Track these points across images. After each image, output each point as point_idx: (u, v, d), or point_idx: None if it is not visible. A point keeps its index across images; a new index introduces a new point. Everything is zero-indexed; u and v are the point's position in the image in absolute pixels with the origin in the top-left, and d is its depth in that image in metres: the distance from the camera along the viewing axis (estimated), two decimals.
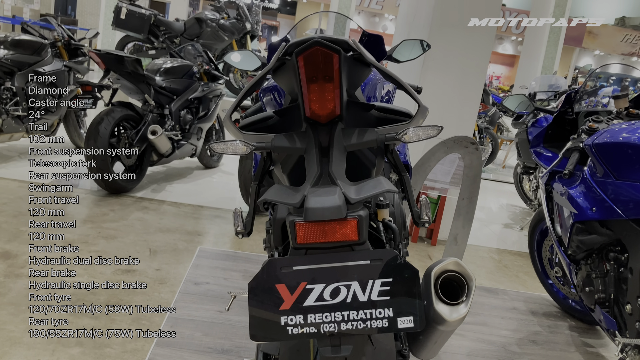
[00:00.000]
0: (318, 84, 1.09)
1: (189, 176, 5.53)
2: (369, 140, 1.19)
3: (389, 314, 1.03)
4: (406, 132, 1.18)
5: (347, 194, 1.03)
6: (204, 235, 3.89)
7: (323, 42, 1.06)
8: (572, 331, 2.75)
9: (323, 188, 1.03)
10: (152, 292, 2.92)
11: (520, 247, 4.91)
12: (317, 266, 1.03)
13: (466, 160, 2.99)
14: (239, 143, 1.18)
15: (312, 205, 0.97)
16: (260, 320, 1.03)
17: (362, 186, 1.10)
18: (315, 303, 1.01)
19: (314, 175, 1.09)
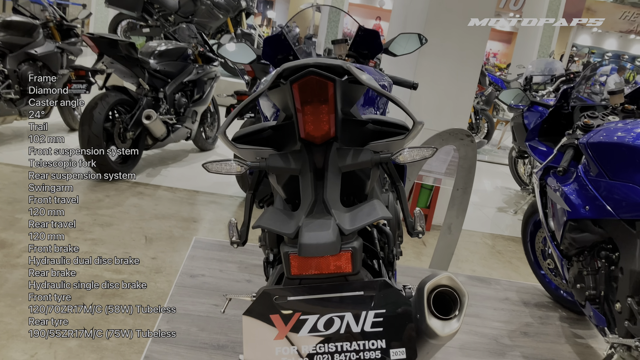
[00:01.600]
0: (313, 105, 1.08)
1: (184, 160, 5.52)
2: (364, 161, 1.19)
3: (382, 345, 1.05)
4: (401, 152, 1.19)
5: (341, 225, 1.03)
6: (199, 222, 3.90)
7: (318, 72, 1.05)
8: (563, 322, 2.80)
9: (317, 220, 1.04)
10: (149, 281, 2.94)
11: (513, 232, 4.95)
12: (311, 297, 1.04)
13: (461, 152, 3.00)
14: (234, 163, 1.18)
15: (307, 241, 0.97)
16: (255, 350, 1.04)
17: (355, 213, 1.10)
18: (309, 334, 1.03)
19: (309, 202, 1.10)
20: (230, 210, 4.26)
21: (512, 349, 2.44)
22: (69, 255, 3.08)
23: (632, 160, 1.92)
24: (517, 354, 2.41)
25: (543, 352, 2.47)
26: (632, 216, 1.90)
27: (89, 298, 2.70)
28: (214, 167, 1.18)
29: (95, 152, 4.20)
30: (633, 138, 1.95)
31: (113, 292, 2.79)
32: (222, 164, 1.18)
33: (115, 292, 2.79)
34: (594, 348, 2.60)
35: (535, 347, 2.50)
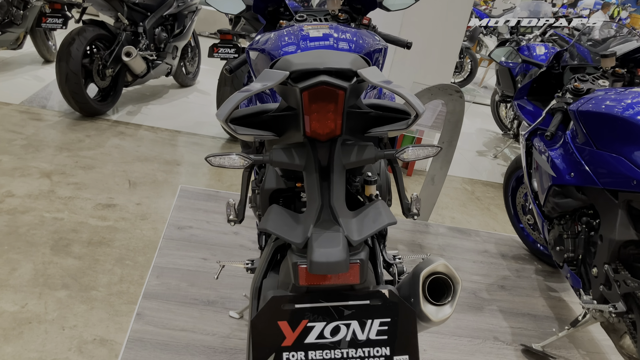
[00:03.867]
0: (320, 107, 1.07)
1: (165, 96, 5.40)
2: (367, 158, 1.18)
3: (386, 352, 1.09)
4: (405, 150, 1.18)
5: (349, 236, 1.04)
6: (182, 165, 3.88)
7: (330, 82, 1.02)
8: (538, 275, 2.92)
9: (326, 232, 1.04)
10: (134, 228, 2.95)
11: (492, 177, 5.04)
12: (318, 305, 1.06)
13: (449, 107, 2.99)
14: (236, 157, 1.16)
15: (317, 258, 0.98)
16: (262, 356, 1.07)
17: (362, 219, 1.11)
18: (316, 341, 1.06)
19: (316, 208, 1.10)
20: (213, 152, 4.23)
21: (489, 303, 2.55)
22: (53, 201, 3.07)
23: (620, 131, 1.95)
24: (495, 308, 2.53)
25: (519, 306, 2.59)
26: (615, 187, 1.95)
27: (75, 246, 2.71)
28: (217, 161, 1.17)
29: (73, 90, 4.09)
30: (622, 109, 1.97)
31: (99, 239, 2.80)
32: (224, 158, 1.17)
33: (102, 239, 2.80)
34: (566, 301, 2.73)
35: (511, 301, 2.61)
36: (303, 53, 1.19)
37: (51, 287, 2.40)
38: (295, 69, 1.09)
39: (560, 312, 2.63)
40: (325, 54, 1.15)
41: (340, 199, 1.13)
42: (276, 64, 1.20)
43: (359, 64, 1.15)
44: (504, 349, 2.29)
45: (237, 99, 1.12)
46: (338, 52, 1.18)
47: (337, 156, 1.15)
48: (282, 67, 1.14)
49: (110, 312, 2.31)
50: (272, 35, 1.83)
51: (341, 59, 1.12)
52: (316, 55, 1.14)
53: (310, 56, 1.14)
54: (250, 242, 2.70)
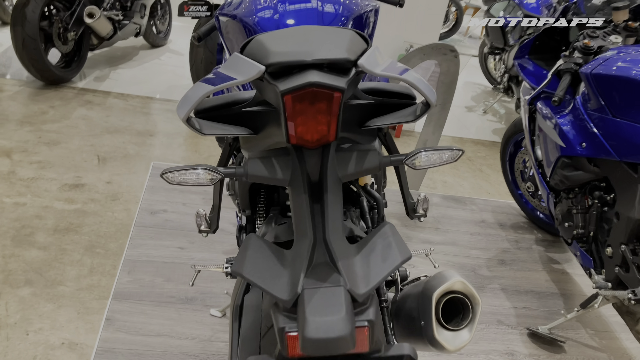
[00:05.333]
0: (306, 108, 0.83)
1: (134, 58, 5.06)
2: (370, 168, 0.96)
3: None
4: (417, 156, 0.96)
5: (354, 289, 0.82)
6: (155, 135, 3.61)
7: (322, 84, 0.78)
8: (539, 245, 2.75)
9: (322, 288, 0.82)
10: (105, 211, 2.71)
11: (482, 134, 4.84)
12: None
13: (443, 67, 2.75)
14: (202, 172, 0.93)
15: (312, 334, 0.75)
16: None
17: (367, 258, 0.88)
18: None
19: (307, 246, 0.87)
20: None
21: (490, 281, 2.39)
22: (14, 184, 2.81)
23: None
24: (496, 287, 2.36)
25: (521, 283, 2.43)
26: (635, 159, 1.76)
27: (39, 235, 2.47)
28: (178, 177, 0.93)
29: (32, 57, 3.75)
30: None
31: (66, 225, 2.56)
32: (186, 174, 0.93)
33: (69, 225, 2.57)
34: (570, 274, 2.58)
35: (513, 277, 2.45)
36: (282, 32, 0.94)
37: (13, 285, 2.17)
38: (273, 62, 0.84)
39: (565, 287, 2.48)
40: (312, 34, 0.91)
41: (337, 229, 0.90)
42: (248, 46, 0.95)
43: (357, 48, 0.91)
44: (509, 333, 2.13)
45: (198, 95, 0.88)
46: (328, 31, 0.93)
47: (331, 167, 0.92)
48: (256, 53, 0.90)
49: (80, 310, 2.10)
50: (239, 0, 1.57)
51: (334, 44, 0.88)
52: (301, 39, 0.89)
53: (293, 39, 0.89)
54: (231, 225, 2.48)
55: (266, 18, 1.46)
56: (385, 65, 0.90)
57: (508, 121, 5.32)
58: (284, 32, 0.94)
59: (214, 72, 0.96)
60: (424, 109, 0.96)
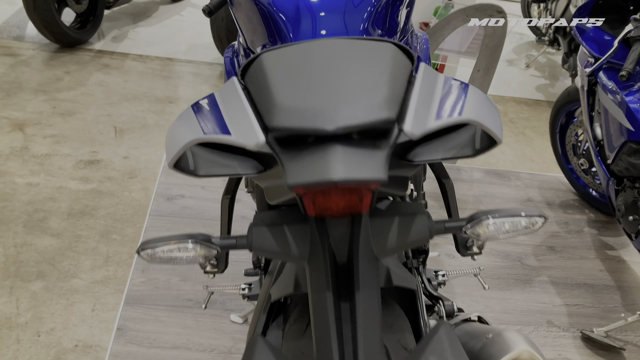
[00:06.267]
0: (327, 198, 0.61)
1: (154, 15, 4.80)
2: (417, 239, 0.73)
3: None
4: (482, 223, 0.72)
5: None
6: (175, 102, 3.41)
7: (351, 179, 0.55)
8: (591, 227, 2.50)
9: None
10: (122, 191, 2.55)
11: (524, 92, 4.50)
12: None
13: (488, 30, 2.44)
14: (192, 245, 0.72)
15: None
16: None
17: None
18: None
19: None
20: (210, 83, 3.73)
21: (539, 273, 2.17)
22: (27, 162, 2.66)
23: None
24: (545, 279, 2.14)
25: (573, 274, 2.20)
26: None
27: (53, 220, 2.33)
28: (160, 254, 0.73)
29: (44, 19, 3.54)
30: None
31: (81, 208, 2.42)
32: (172, 248, 0.72)
33: (84, 208, 2.42)
34: (627, 262, 2.33)
35: (563, 268, 2.22)
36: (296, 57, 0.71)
37: (24, 279, 2.05)
38: (279, 125, 0.62)
39: (622, 278, 2.24)
40: (337, 65, 0.67)
41: (374, 349, 0.68)
42: (250, 72, 0.72)
43: (400, 85, 0.67)
44: (561, 336, 1.93)
45: (187, 140, 0.66)
46: (360, 56, 0.69)
47: (363, 242, 0.70)
48: (258, 95, 0.67)
49: (95, 307, 1.97)
50: None
51: (368, 90, 0.64)
52: (320, 77, 0.65)
53: (310, 78, 0.65)
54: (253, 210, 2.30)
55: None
56: (435, 102, 0.66)
57: (553, 77, 4.94)
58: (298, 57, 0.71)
59: (210, 100, 0.74)
60: (486, 144, 0.72)
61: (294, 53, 0.72)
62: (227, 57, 1.63)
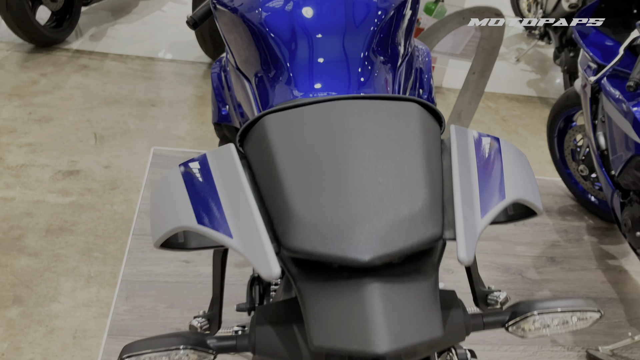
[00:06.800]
0: None
1: (134, 11, 4.63)
2: (451, 340, 0.63)
3: None
4: (527, 319, 0.63)
5: None
6: (158, 105, 3.27)
7: (402, 347, 0.45)
8: (591, 235, 2.43)
9: None
10: (103, 204, 2.43)
11: (515, 88, 4.43)
12: None
13: (485, 32, 2.35)
14: (184, 352, 0.62)
15: None
16: None
17: None
18: None
19: None
20: (194, 83, 3.60)
21: (540, 286, 2.09)
22: (1, 174, 2.52)
23: None
24: (547, 294, 2.07)
25: (575, 286, 2.13)
26: None
27: (30, 237, 2.21)
28: None
29: (18, 18, 3.37)
30: None
31: (60, 224, 2.30)
32: (160, 355, 0.62)
33: (63, 224, 2.30)
34: (629, 272, 2.27)
35: (565, 280, 2.15)
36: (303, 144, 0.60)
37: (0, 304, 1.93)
38: (294, 247, 0.51)
39: (624, 289, 2.18)
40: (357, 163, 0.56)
41: None
42: (252, 139, 0.62)
43: (435, 182, 0.57)
44: (566, 356, 1.86)
45: (176, 226, 0.56)
46: (384, 145, 0.59)
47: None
48: (262, 153, 0.56)
49: (77, 334, 1.86)
50: None
51: (400, 193, 0.53)
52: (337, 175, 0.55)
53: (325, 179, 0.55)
54: None
55: (276, 12, 1.10)
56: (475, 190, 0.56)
57: (544, 71, 4.87)
58: (311, 134, 0.59)
59: (203, 170, 0.63)
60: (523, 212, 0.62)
61: (306, 126, 0.61)
62: (215, 73, 1.52)
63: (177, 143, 2.91)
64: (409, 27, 1.22)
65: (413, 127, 0.61)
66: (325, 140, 0.60)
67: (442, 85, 4.16)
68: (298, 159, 0.59)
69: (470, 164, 0.61)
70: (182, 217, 0.57)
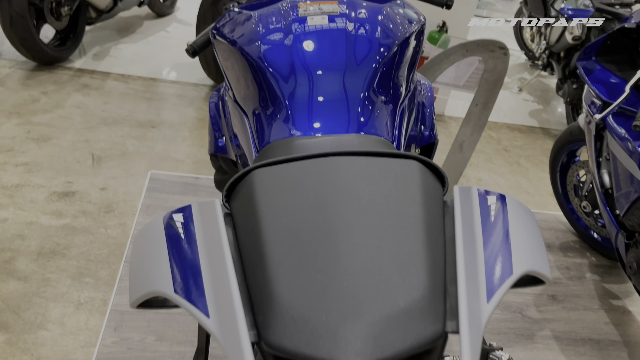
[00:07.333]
0: None
1: (138, 31, 4.64)
2: None
3: None
4: None
5: None
6: (158, 126, 3.25)
7: None
8: (593, 273, 2.38)
9: None
10: (97, 227, 2.39)
11: (517, 118, 4.41)
12: None
13: (488, 64, 2.33)
14: None
15: None
16: None
17: None
18: None
19: None
20: (195, 105, 3.58)
21: (541, 326, 2.04)
22: None
23: None
24: (548, 334, 2.01)
25: (577, 327, 2.08)
26: None
27: (20, 260, 2.16)
28: None
29: (21, 36, 3.37)
30: None
31: (52, 247, 2.25)
32: None
33: (56, 247, 2.25)
34: (632, 313, 2.21)
35: (567, 320, 2.10)
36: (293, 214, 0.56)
37: None
38: (275, 344, 0.47)
39: (628, 331, 2.12)
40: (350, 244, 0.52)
41: None
42: (239, 199, 0.58)
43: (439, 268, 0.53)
44: None
45: (152, 290, 0.52)
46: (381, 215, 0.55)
47: None
48: (247, 219, 0.53)
49: None
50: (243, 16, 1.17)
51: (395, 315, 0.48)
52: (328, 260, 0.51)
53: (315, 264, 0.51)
54: None
55: (275, 47, 1.07)
56: (481, 270, 0.52)
57: (546, 101, 4.86)
58: (302, 200, 0.56)
59: (185, 227, 0.59)
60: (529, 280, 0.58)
61: (297, 187, 0.57)
62: (213, 102, 1.49)
63: (176, 166, 2.88)
64: (412, 63, 1.19)
65: (413, 192, 0.57)
66: (317, 206, 0.56)
67: (444, 114, 4.14)
68: (286, 230, 0.55)
69: (476, 233, 0.57)
70: (159, 282, 0.53)
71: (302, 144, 0.90)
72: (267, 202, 0.58)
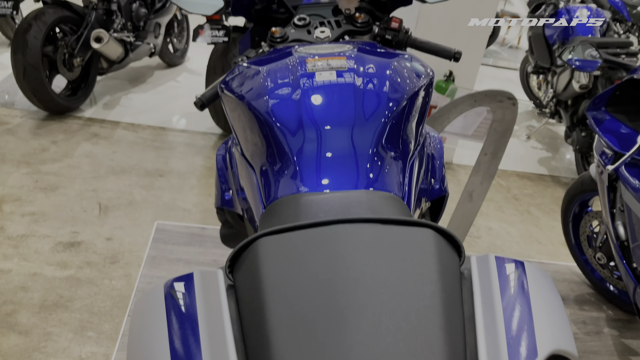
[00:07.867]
0: None
1: (148, 80, 4.71)
2: None
3: None
4: None
5: None
6: (166, 176, 3.25)
7: None
8: (611, 328, 2.30)
9: None
10: (102, 278, 2.35)
11: (526, 166, 4.38)
12: None
13: (497, 114, 2.32)
14: None
15: None
16: None
17: None
18: None
19: None
20: (203, 154, 3.59)
21: None
22: (0, 244, 2.47)
23: None
24: None
25: None
26: None
27: (22, 314, 2.12)
28: None
29: (34, 87, 3.42)
30: None
31: (55, 299, 2.21)
32: None
33: (59, 299, 2.21)
34: None
35: None
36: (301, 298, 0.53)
37: None
38: None
39: None
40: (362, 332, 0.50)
41: None
42: (245, 256, 0.55)
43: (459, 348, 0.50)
44: None
45: None
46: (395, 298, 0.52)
47: None
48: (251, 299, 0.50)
49: None
50: (252, 71, 1.17)
51: None
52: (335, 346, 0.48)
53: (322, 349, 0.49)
54: None
55: (283, 102, 1.06)
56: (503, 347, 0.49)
57: (555, 149, 4.85)
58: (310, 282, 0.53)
59: (186, 301, 0.56)
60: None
61: (305, 259, 0.55)
62: (220, 155, 1.48)
63: (183, 215, 2.86)
64: (421, 116, 1.17)
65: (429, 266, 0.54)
66: (325, 285, 0.53)
67: (453, 162, 4.13)
68: (292, 314, 0.52)
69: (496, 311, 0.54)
70: None
71: (310, 200, 0.88)
72: (271, 280, 0.55)
